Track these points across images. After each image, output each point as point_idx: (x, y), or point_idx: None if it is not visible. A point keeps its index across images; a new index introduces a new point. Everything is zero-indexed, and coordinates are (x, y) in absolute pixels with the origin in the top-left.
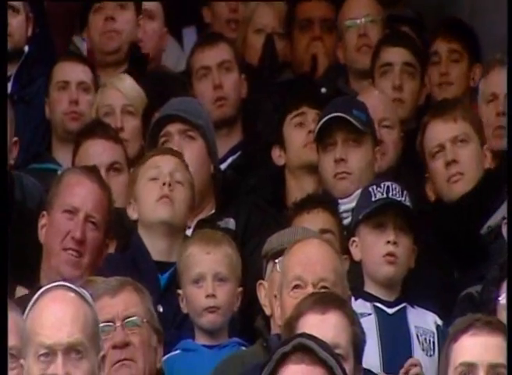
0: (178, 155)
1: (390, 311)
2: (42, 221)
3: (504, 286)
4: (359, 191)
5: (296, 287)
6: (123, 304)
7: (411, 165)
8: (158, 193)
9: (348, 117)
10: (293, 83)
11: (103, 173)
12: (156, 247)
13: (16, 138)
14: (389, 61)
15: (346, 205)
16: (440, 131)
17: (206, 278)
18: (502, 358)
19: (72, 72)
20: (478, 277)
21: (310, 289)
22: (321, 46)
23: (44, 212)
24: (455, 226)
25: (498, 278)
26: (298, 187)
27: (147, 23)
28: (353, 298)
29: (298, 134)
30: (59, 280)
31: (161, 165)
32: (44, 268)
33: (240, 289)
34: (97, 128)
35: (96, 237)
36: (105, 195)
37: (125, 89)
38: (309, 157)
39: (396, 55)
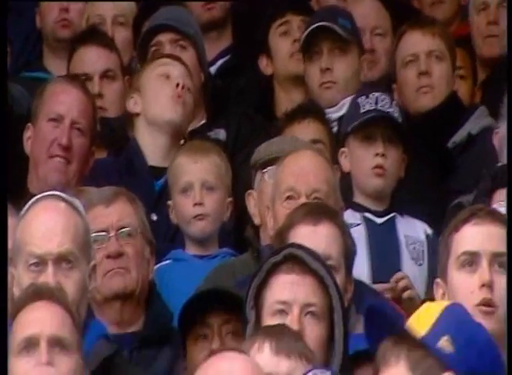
0: (185, 63)
1: (379, 221)
2: (27, 133)
3: (496, 196)
4: (345, 100)
5: (288, 197)
6: (117, 214)
7: None
8: (171, 91)
9: (333, 26)
10: None
11: (96, 80)
12: (154, 148)
13: (7, 48)
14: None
15: (333, 114)
16: (417, 42)
17: (194, 187)
18: (504, 248)
19: None
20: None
21: (303, 200)
22: None
23: (29, 124)
24: (422, 140)
25: (490, 188)
26: (287, 98)
27: None
28: None
29: (284, 44)
30: (48, 190)
31: (172, 65)
32: (31, 180)
33: (230, 199)
34: (92, 35)
35: (82, 144)
36: (90, 102)
37: None
38: (296, 68)
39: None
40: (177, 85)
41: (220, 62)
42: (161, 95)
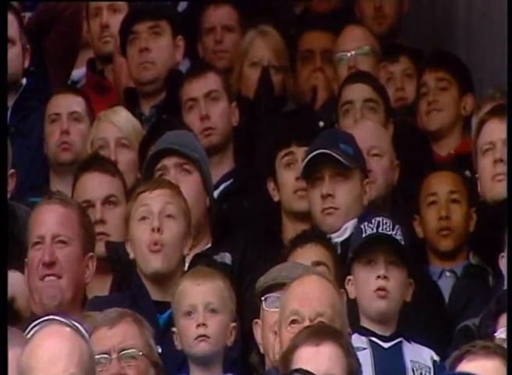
0: (167, 185)
1: (386, 345)
2: (25, 268)
3: (501, 320)
4: (348, 224)
5: (293, 322)
6: (120, 336)
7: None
8: (148, 239)
9: (334, 154)
10: (293, 114)
11: (98, 206)
12: (153, 288)
13: (12, 170)
14: (349, 99)
15: (336, 238)
16: (495, 130)
17: (197, 309)
18: None
19: (63, 103)
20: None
21: (307, 324)
22: (321, 77)
23: (26, 259)
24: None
25: (495, 312)
26: (293, 229)
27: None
28: None
29: (288, 177)
30: (46, 313)
31: (149, 203)
32: (33, 310)
33: (234, 324)
34: (94, 162)
35: (69, 253)
36: (71, 211)
37: (119, 122)
38: (300, 206)
39: (356, 92)
40: (152, 230)
41: (223, 186)
42: (142, 244)
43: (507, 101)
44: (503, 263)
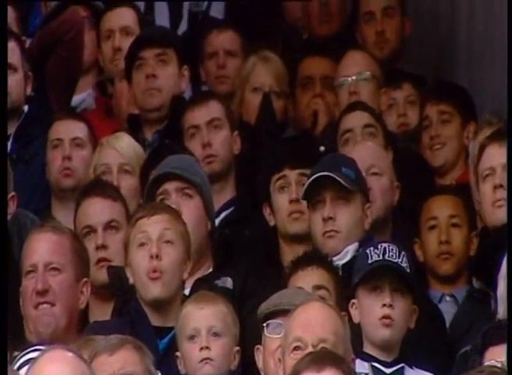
0: (166, 210)
1: (388, 371)
2: (20, 298)
3: (488, 354)
4: (349, 248)
5: (296, 348)
6: (121, 362)
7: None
8: (147, 266)
9: (335, 176)
10: (294, 140)
11: (100, 231)
12: (153, 313)
13: (13, 193)
14: (348, 127)
15: (338, 261)
16: (494, 155)
17: (201, 332)
18: None
19: (65, 129)
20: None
21: (310, 350)
22: (321, 103)
23: (20, 288)
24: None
25: (481, 346)
26: (291, 251)
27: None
28: None
29: (282, 201)
30: (41, 341)
31: (147, 229)
32: (28, 338)
33: (237, 348)
34: (96, 187)
35: (62, 280)
36: (63, 238)
37: (121, 148)
38: (295, 228)
39: (354, 120)
40: (151, 257)
41: (224, 214)
42: (140, 271)
43: (507, 125)
44: (499, 287)
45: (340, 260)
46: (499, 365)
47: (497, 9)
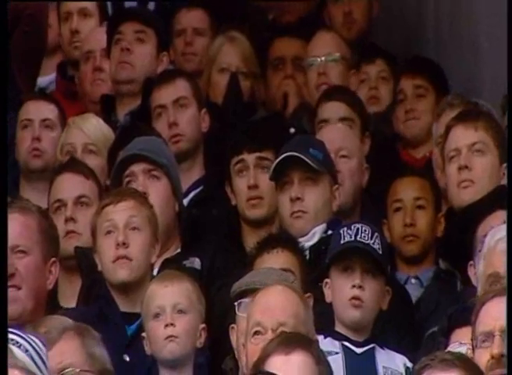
0: (131, 196)
1: (358, 350)
2: None
3: (454, 336)
4: (316, 229)
5: (256, 333)
6: (59, 355)
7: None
8: (113, 253)
9: (302, 156)
10: (264, 121)
11: (70, 205)
12: (121, 299)
13: None
14: (325, 117)
15: (305, 242)
16: (460, 136)
17: (165, 309)
18: None
19: (35, 110)
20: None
21: (270, 334)
22: (292, 84)
23: None
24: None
25: (447, 328)
26: (252, 233)
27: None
28: (322, 337)
29: (241, 185)
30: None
31: (113, 217)
32: None
33: (203, 325)
34: (69, 164)
35: (28, 263)
36: (31, 218)
37: (87, 129)
38: (253, 214)
39: (331, 111)
40: (117, 244)
41: (192, 193)
42: (106, 258)
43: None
44: (471, 271)
45: (307, 241)
46: (464, 347)
47: None
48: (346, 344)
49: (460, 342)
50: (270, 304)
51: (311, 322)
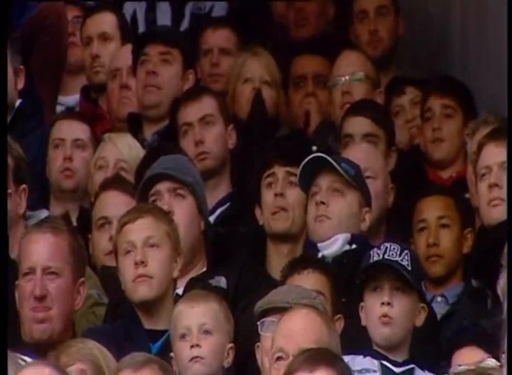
0: (149, 212)
1: (397, 370)
2: (16, 293)
3: (455, 359)
4: (338, 236)
5: (278, 358)
6: None
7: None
8: (133, 272)
9: (333, 162)
10: (286, 139)
11: (114, 224)
12: (145, 316)
13: (24, 186)
14: (349, 132)
15: (325, 250)
16: (491, 154)
17: (191, 330)
18: None
19: (68, 129)
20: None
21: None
22: (314, 102)
23: (17, 282)
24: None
25: (448, 351)
26: (275, 250)
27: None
28: (361, 356)
29: (268, 197)
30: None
31: (132, 237)
32: (22, 335)
33: (231, 345)
34: (114, 180)
35: (60, 285)
36: (61, 239)
37: (122, 145)
38: (277, 227)
39: (355, 126)
40: (136, 263)
41: (219, 210)
42: (126, 278)
43: (507, 124)
44: (500, 287)
45: (329, 247)
46: (462, 367)
47: (491, 8)
48: (385, 363)
49: (458, 365)
50: (293, 330)
51: (337, 344)
